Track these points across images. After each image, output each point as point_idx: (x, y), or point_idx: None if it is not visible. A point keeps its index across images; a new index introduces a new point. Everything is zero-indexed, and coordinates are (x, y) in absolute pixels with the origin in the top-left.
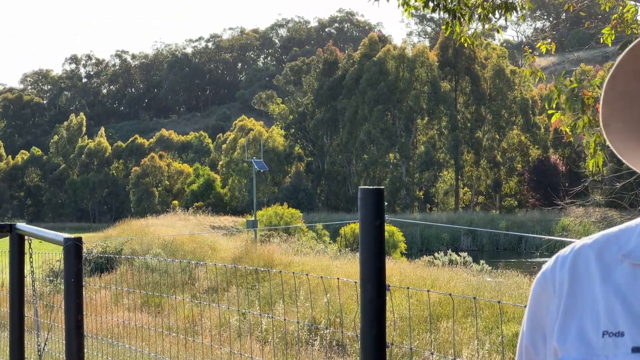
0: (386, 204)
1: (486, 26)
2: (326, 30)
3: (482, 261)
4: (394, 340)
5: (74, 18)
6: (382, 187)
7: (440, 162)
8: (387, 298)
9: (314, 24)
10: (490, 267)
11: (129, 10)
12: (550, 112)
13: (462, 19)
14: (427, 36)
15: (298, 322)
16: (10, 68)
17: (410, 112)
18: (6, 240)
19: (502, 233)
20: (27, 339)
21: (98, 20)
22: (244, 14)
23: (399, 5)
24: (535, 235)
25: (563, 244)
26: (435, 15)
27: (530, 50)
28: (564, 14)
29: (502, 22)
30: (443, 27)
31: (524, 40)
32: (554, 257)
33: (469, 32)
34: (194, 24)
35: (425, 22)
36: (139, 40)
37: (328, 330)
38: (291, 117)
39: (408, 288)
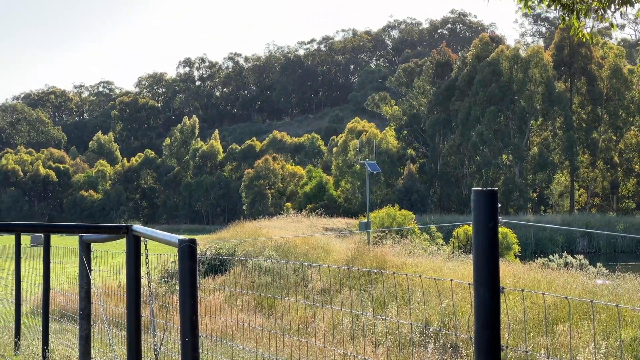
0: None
1: (602, 21)
2: (438, 31)
3: (599, 264)
4: (509, 343)
5: (187, 22)
6: (495, 188)
7: (555, 164)
8: (501, 300)
9: (425, 25)
10: (608, 270)
11: (241, 13)
12: None
13: (579, 14)
14: (541, 36)
15: (411, 324)
16: (125, 71)
17: (523, 113)
18: (123, 242)
19: (619, 235)
20: (143, 338)
21: (211, 24)
22: (356, 16)
23: (518, 2)
24: None
25: None
26: (550, 15)
27: None
28: None
29: (619, 19)
30: (561, 25)
31: None
32: None
33: (587, 30)
34: (306, 26)
35: (539, 22)
36: (252, 43)
37: (441, 333)
38: (404, 118)
39: (522, 290)
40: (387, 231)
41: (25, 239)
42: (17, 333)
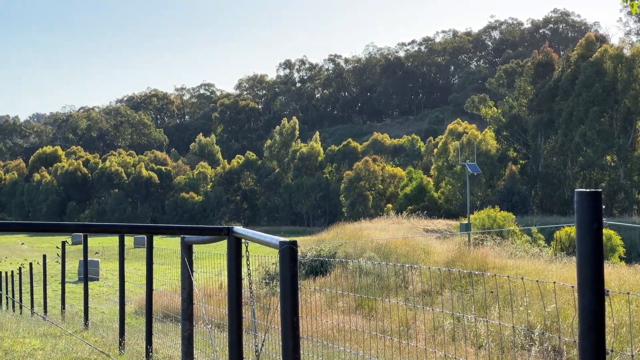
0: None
1: None
2: (540, 31)
3: None
4: (614, 347)
5: (287, 24)
6: (599, 189)
7: None
8: (606, 303)
9: (527, 25)
10: None
11: (341, 15)
12: None
13: None
14: None
15: (513, 327)
16: (226, 74)
17: (628, 113)
18: (224, 244)
19: None
20: (245, 339)
21: (311, 26)
22: (456, 17)
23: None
24: None
25: None
26: None
27: None
28: None
29: None
30: None
31: None
32: None
33: None
34: (406, 28)
35: None
36: (352, 45)
37: (545, 336)
38: (504, 119)
39: (628, 293)
40: (487, 233)
41: (129, 240)
42: (121, 333)
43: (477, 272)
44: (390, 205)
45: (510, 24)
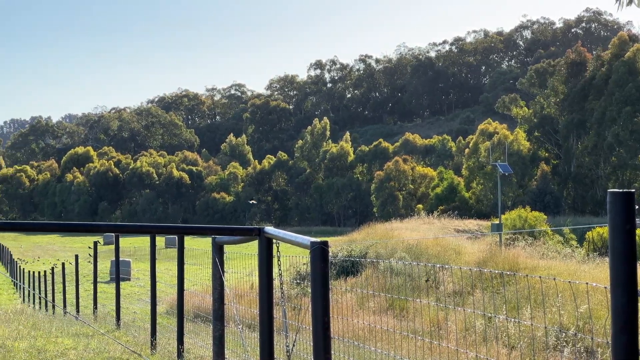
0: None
1: None
2: (572, 30)
3: None
4: None
5: (318, 24)
6: (632, 190)
7: None
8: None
9: (559, 25)
10: None
11: (372, 15)
12: None
13: None
14: None
15: (545, 327)
16: (257, 74)
17: None
18: (255, 244)
19: None
20: (276, 339)
21: (342, 26)
22: (487, 17)
23: None
24: None
25: None
26: None
27: None
28: None
29: None
30: None
31: None
32: None
33: None
34: (438, 28)
35: None
36: (383, 45)
37: (577, 336)
38: (535, 119)
39: None
40: (519, 233)
41: (160, 240)
42: (153, 332)
43: (508, 273)
44: (421, 206)
45: (542, 24)
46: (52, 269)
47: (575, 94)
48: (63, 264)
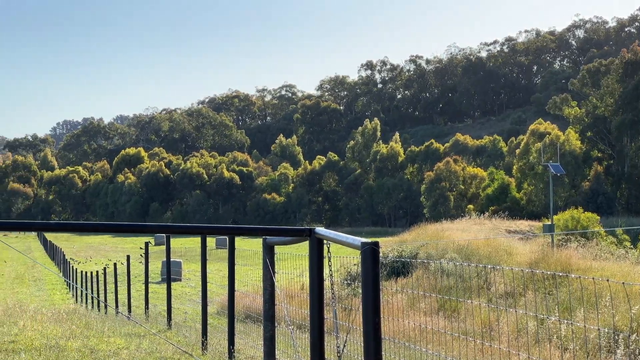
0: None
1: None
2: (626, 29)
3: None
4: None
5: (368, 25)
6: None
7: None
8: None
9: (612, 24)
10: None
11: (422, 16)
12: None
13: None
14: None
15: (599, 329)
16: (307, 75)
17: None
18: (305, 245)
19: None
20: (326, 340)
21: (392, 27)
22: (539, 16)
23: None
24: None
25: None
26: None
27: None
28: None
29: None
30: None
31: None
32: None
33: None
34: (488, 28)
35: None
36: (433, 45)
37: (631, 338)
38: (587, 120)
39: None
40: (571, 234)
41: (211, 241)
42: (204, 333)
43: (560, 274)
44: (471, 206)
45: (594, 23)
46: (104, 269)
47: (628, 93)
48: (115, 264)
